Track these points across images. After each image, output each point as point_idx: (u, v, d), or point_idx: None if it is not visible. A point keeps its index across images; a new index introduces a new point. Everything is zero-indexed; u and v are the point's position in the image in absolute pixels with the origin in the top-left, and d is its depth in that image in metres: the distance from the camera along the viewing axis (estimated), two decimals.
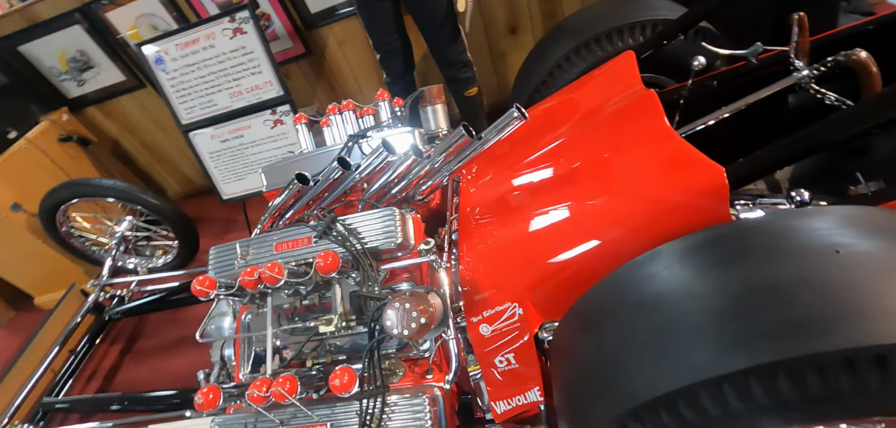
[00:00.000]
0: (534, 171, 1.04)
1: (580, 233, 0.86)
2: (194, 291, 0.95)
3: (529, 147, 1.11)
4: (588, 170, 0.92)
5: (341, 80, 2.30)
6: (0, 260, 2.22)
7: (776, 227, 0.62)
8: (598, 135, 0.96)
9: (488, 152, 1.20)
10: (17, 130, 2.05)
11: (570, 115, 1.07)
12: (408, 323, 0.76)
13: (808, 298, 0.49)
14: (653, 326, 0.59)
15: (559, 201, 0.93)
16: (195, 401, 0.89)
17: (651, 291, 0.64)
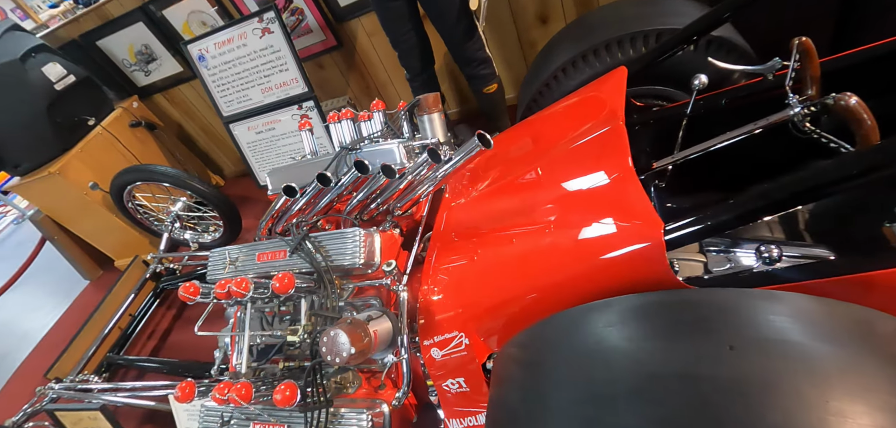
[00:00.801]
0: (499, 198, 1.04)
1: (525, 272, 0.85)
2: (181, 297, 1.10)
3: (504, 170, 1.10)
4: (545, 205, 0.90)
5: (372, 72, 2.39)
6: (86, 229, 2.70)
7: (690, 305, 0.58)
8: (564, 167, 0.93)
9: (476, 168, 1.22)
10: (95, 118, 2.44)
11: (546, 138, 1.04)
12: (337, 351, 0.82)
13: (683, 397, 0.47)
14: (579, 380, 0.58)
15: (513, 235, 0.92)
16: (174, 394, 1.06)
17: (584, 344, 0.63)
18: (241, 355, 1.07)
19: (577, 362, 0.60)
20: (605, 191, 0.80)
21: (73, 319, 2.89)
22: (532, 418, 0.60)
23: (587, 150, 0.90)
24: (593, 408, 0.51)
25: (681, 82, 1.07)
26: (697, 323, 0.53)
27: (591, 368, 0.57)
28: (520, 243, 0.91)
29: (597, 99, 1.01)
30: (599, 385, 0.54)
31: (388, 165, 1.08)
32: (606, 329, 0.61)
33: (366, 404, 0.98)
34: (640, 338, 0.57)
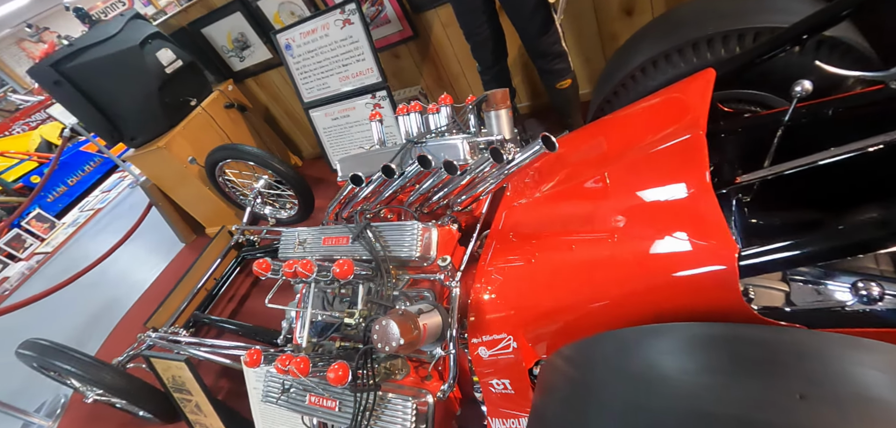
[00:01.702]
0: (562, 202, 1.01)
1: (582, 282, 0.83)
2: (254, 272, 1.22)
3: (571, 172, 1.07)
4: (611, 213, 0.87)
5: (446, 62, 2.43)
6: (184, 197, 3.08)
7: (760, 343, 0.53)
8: (634, 175, 0.88)
9: (540, 168, 1.20)
10: (196, 99, 2.76)
11: (619, 142, 1.00)
12: (387, 340, 0.87)
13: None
14: (625, 405, 0.57)
15: (573, 241, 0.90)
16: (242, 358, 1.18)
17: (635, 368, 0.61)
18: (303, 330, 1.17)
19: (626, 387, 0.58)
20: (677, 205, 0.76)
21: (170, 276, 3.31)
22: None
23: (662, 159, 0.85)
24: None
25: (778, 87, 0.97)
26: (765, 364, 0.49)
27: (640, 396, 0.55)
28: (580, 251, 0.89)
29: (678, 102, 0.94)
30: (646, 414, 0.52)
31: (450, 162, 1.10)
32: (662, 356, 0.59)
33: (412, 393, 1.02)
34: (697, 371, 0.54)
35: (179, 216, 3.35)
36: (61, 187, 6.33)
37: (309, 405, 1.13)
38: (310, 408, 1.13)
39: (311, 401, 1.13)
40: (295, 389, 1.18)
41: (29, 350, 1.76)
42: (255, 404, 1.64)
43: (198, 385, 1.71)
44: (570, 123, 1.91)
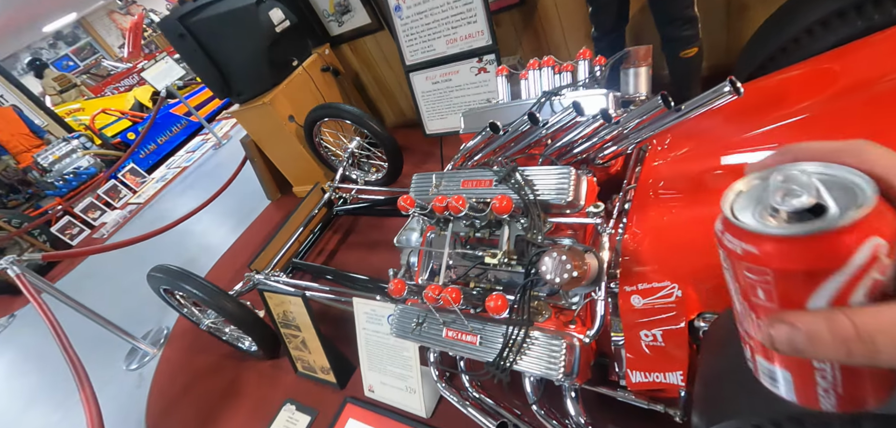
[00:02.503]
0: (742, 152, 0.97)
1: None
2: (399, 206, 1.27)
3: (746, 124, 1.03)
4: None
5: (548, 31, 2.39)
6: (278, 154, 3.25)
7: None
8: (847, 119, 0.83)
9: (689, 124, 1.17)
10: (298, 60, 2.89)
11: (813, 90, 0.94)
12: (560, 272, 0.88)
13: None
14: None
15: None
16: (386, 287, 1.24)
17: None
18: (441, 267, 1.21)
19: None
20: None
21: (257, 229, 3.53)
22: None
23: (886, 98, 0.79)
24: None
25: None
26: None
27: None
28: None
29: (881, 57, 0.88)
30: None
31: (606, 110, 1.09)
32: None
33: (560, 334, 1.03)
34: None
35: (270, 174, 3.54)
36: (152, 145, 6.86)
37: (445, 339, 1.17)
38: (446, 341, 1.16)
39: (448, 335, 1.16)
40: (429, 323, 1.22)
41: (160, 273, 1.93)
42: (362, 342, 1.72)
43: (309, 321, 1.81)
44: (687, 97, 1.83)
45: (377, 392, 1.71)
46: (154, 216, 5.39)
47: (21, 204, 6.47)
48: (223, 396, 2.20)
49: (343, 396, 1.82)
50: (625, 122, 1.10)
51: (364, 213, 2.64)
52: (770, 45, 1.18)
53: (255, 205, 3.85)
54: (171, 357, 2.73)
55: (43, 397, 3.11)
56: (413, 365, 1.57)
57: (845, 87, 0.88)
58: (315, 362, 1.93)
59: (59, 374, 3.29)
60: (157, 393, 2.50)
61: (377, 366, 1.68)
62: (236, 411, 2.08)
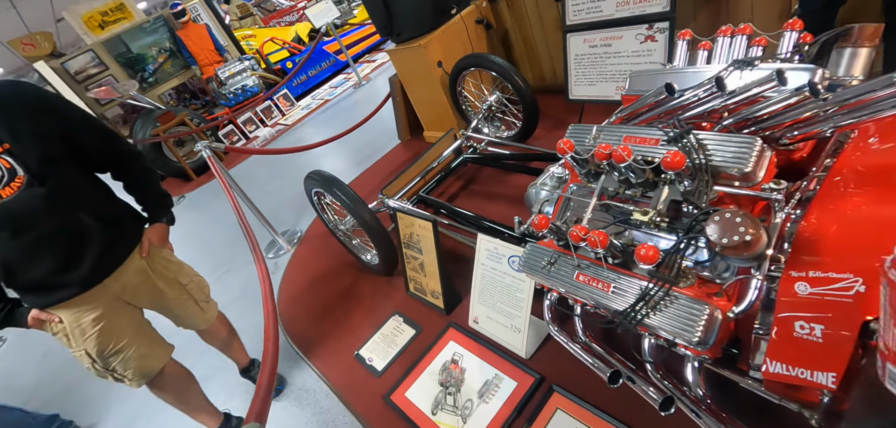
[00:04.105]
0: None
1: None
2: (558, 148, 1.31)
3: None
4: None
5: (734, 7, 2.19)
6: (419, 97, 3.49)
7: None
8: None
9: None
10: (457, 8, 3.05)
11: None
12: (731, 232, 0.86)
13: None
14: None
15: None
16: (531, 221, 1.31)
17: None
18: (585, 214, 1.25)
19: None
20: None
21: (386, 163, 3.86)
22: None
23: None
24: None
25: None
26: None
27: None
28: None
29: None
30: None
31: (814, 84, 1.01)
32: None
33: (704, 301, 1.01)
34: None
35: (406, 115, 3.83)
36: (303, 76, 7.78)
37: (576, 281, 1.21)
38: (577, 284, 1.21)
39: (581, 279, 1.20)
40: (560, 265, 1.27)
41: (316, 177, 2.25)
42: (477, 276, 1.84)
43: (433, 246, 1.98)
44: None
45: (481, 324, 1.82)
46: (296, 138, 6.17)
47: (199, 108, 7.85)
48: (341, 296, 2.52)
49: (447, 321, 1.97)
50: (831, 102, 1.00)
51: (490, 164, 2.74)
52: None
53: (386, 142, 4.21)
54: (302, 255, 3.18)
55: (200, 266, 3.85)
56: (524, 307, 1.64)
57: None
58: (427, 286, 2.10)
59: (214, 248, 4.04)
60: (289, 281, 2.94)
61: (487, 301, 1.79)
62: (351, 311, 2.37)
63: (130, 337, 1.61)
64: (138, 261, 1.62)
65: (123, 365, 1.61)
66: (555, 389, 1.55)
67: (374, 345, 2.09)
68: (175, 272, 1.76)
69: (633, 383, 1.19)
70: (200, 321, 1.89)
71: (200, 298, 1.87)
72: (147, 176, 1.70)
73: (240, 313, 2.82)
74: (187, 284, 1.81)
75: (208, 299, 1.94)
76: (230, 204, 2.69)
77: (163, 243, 1.72)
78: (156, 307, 1.74)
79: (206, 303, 1.91)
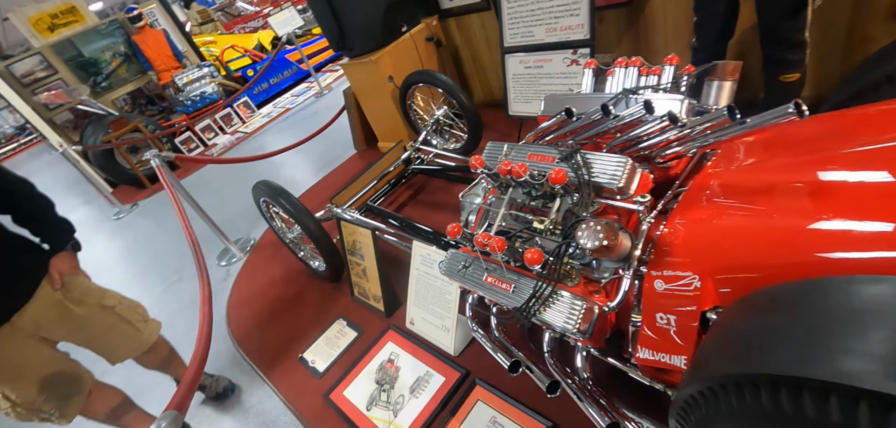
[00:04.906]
0: (789, 174, 1.04)
1: (793, 248, 0.88)
2: (470, 164, 1.47)
3: (800, 150, 1.08)
4: (842, 189, 0.89)
5: (650, 34, 2.43)
6: (371, 110, 3.61)
7: None
8: (884, 160, 0.88)
9: (760, 140, 1.23)
10: (407, 26, 3.20)
11: (873, 131, 0.98)
12: (591, 238, 1.03)
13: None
14: (859, 329, 0.63)
15: (791, 211, 0.93)
16: (446, 229, 1.45)
17: (865, 303, 0.66)
18: (495, 222, 1.40)
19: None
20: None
21: (341, 172, 3.95)
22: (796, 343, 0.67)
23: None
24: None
25: None
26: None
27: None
28: (793, 222, 0.92)
29: None
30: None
31: (673, 113, 1.19)
32: (889, 288, 0.64)
33: (583, 297, 1.17)
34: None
35: (361, 126, 3.94)
36: (265, 84, 7.75)
37: (485, 283, 1.36)
38: (485, 286, 1.35)
39: (488, 280, 1.35)
40: (474, 268, 1.42)
41: (264, 186, 2.33)
42: (413, 280, 1.97)
43: (373, 252, 2.10)
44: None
45: (416, 325, 1.95)
46: (256, 146, 6.16)
47: (155, 115, 7.69)
48: (290, 302, 2.60)
49: (387, 323, 2.09)
50: (690, 127, 1.19)
51: (437, 175, 2.89)
52: (863, 81, 1.19)
53: (342, 152, 4.30)
54: (254, 262, 3.22)
55: (151, 275, 3.81)
56: (452, 308, 1.78)
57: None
58: (369, 290, 2.22)
59: (165, 257, 4.01)
60: (239, 288, 2.99)
61: (422, 303, 1.92)
62: (298, 315, 2.45)
63: (52, 372, 1.55)
64: (51, 294, 1.55)
65: (48, 403, 1.54)
66: (477, 382, 1.69)
67: (318, 348, 2.18)
68: (98, 297, 1.70)
69: (531, 372, 1.34)
70: (139, 343, 1.84)
71: (135, 318, 1.81)
72: (39, 204, 1.59)
73: (190, 323, 2.84)
74: (115, 306, 1.74)
75: (146, 319, 1.89)
76: (178, 214, 2.72)
77: (74, 271, 1.64)
78: (83, 340, 1.68)
79: (143, 323, 1.86)
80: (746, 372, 0.70)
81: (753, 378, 0.69)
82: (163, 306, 3.22)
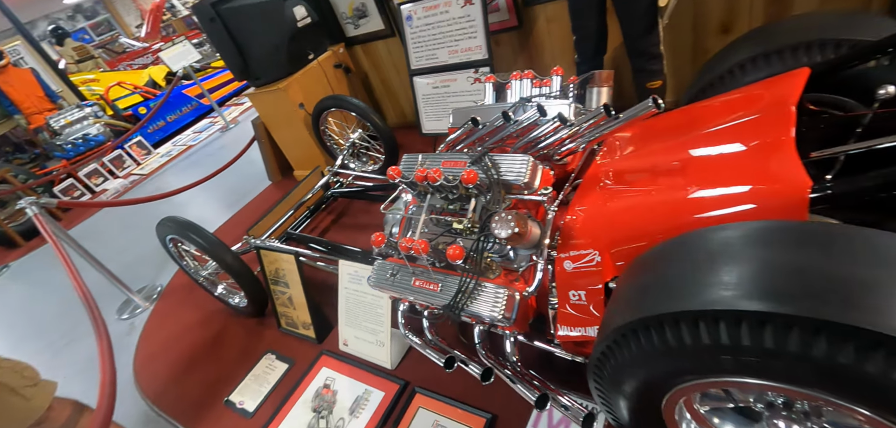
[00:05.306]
0: (654, 158, 1.23)
1: (665, 217, 1.05)
2: (388, 175, 1.51)
3: (665, 138, 1.29)
4: (695, 166, 1.09)
5: (540, 54, 2.69)
6: (284, 138, 3.51)
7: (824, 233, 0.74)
8: (722, 139, 1.10)
9: (635, 134, 1.43)
10: (314, 53, 3.18)
11: (712, 117, 1.21)
12: (502, 226, 1.13)
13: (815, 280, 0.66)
14: (711, 266, 0.77)
15: (660, 187, 1.12)
16: (371, 238, 1.48)
17: (713, 247, 0.81)
18: (417, 228, 1.46)
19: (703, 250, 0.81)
20: (756, 155, 0.97)
21: (256, 205, 3.76)
22: (673, 288, 0.81)
23: (747, 127, 1.06)
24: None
25: (862, 96, 1.15)
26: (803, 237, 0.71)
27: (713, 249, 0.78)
28: (661, 196, 1.11)
29: (769, 91, 1.15)
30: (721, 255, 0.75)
31: (562, 114, 1.35)
32: (736, 230, 0.81)
33: (504, 286, 1.26)
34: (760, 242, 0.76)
35: (274, 156, 3.80)
36: (161, 122, 7.14)
37: (413, 287, 1.40)
38: (414, 289, 1.40)
39: (416, 283, 1.40)
40: (402, 274, 1.46)
41: (170, 222, 2.16)
42: (342, 300, 1.95)
43: (298, 279, 2.05)
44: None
45: (351, 346, 1.93)
46: (155, 187, 5.62)
47: (26, 163, 6.70)
48: (209, 346, 2.41)
49: (319, 349, 2.04)
50: (577, 125, 1.36)
51: (358, 197, 2.89)
52: (704, 80, 1.46)
53: (256, 185, 4.10)
54: (163, 310, 2.94)
55: (31, 341, 3.29)
56: (385, 321, 1.80)
57: (730, 116, 1.15)
58: (298, 318, 2.14)
59: (49, 320, 3.48)
60: (147, 339, 2.70)
61: (353, 322, 1.91)
62: (219, 358, 2.29)
63: None
64: None
65: None
66: (417, 390, 1.71)
67: (246, 387, 2.05)
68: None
69: (466, 365, 1.41)
70: (28, 413, 1.61)
71: (21, 384, 1.59)
72: None
73: (89, 384, 2.51)
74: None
75: (36, 382, 1.66)
76: (64, 267, 2.41)
77: None
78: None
79: (31, 388, 1.63)
80: (637, 318, 0.82)
81: (643, 322, 0.82)
82: (51, 374, 2.79)
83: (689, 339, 0.76)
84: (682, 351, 0.78)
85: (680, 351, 0.79)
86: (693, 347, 0.76)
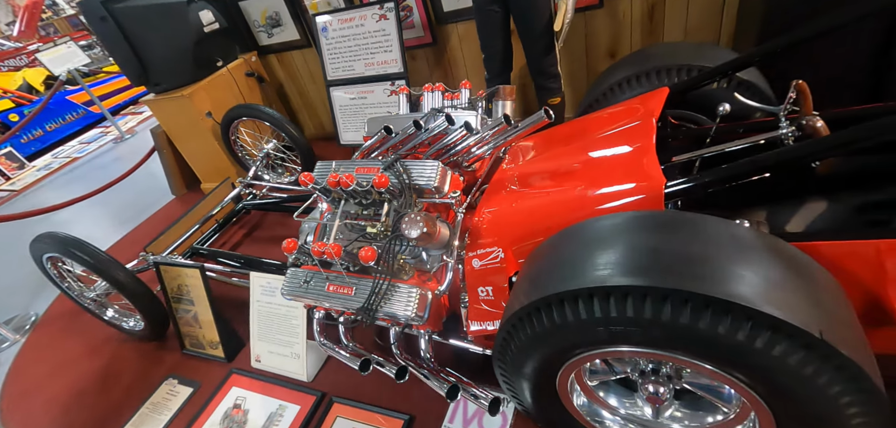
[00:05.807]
0: (549, 163, 1.37)
1: (555, 214, 1.17)
2: (301, 181, 1.50)
3: (559, 146, 1.43)
4: (580, 169, 1.23)
5: (455, 69, 2.81)
6: (190, 149, 3.27)
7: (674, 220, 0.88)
8: (602, 144, 1.25)
9: (536, 143, 1.56)
10: (223, 61, 3.02)
11: (591, 128, 1.38)
12: (412, 226, 1.17)
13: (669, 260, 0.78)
14: (586, 253, 0.88)
15: (553, 188, 1.24)
16: (282, 245, 1.45)
17: (588, 237, 0.93)
18: (332, 233, 1.45)
19: (584, 238, 0.92)
20: (626, 158, 1.12)
21: (156, 222, 3.44)
22: (554, 274, 0.91)
23: (620, 136, 1.22)
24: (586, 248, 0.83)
25: (710, 112, 1.38)
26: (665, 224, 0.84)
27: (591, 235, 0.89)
28: (553, 195, 1.23)
29: (639, 105, 1.33)
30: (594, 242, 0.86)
31: (469, 123, 1.44)
32: (606, 221, 0.93)
33: (416, 286, 1.31)
34: (630, 229, 0.88)
35: (178, 168, 3.52)
36: (38, 131, 6.26)
37: (328, 292, 1.39)
38: (329, 295, 1.39)
39: (330, 289, 1.39)
40: (315, 280, 1.44)
41: (47, 239, 1.91)
42: (254, 314, 1.87)
43: (205, 295, 1.92)
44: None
45: (264, 362, 1.84)
46: (29, 205, 4.89)
47: None
48: (98, 376, 2.15)
49: (228, 369, 1.91)
50: (482, 134, 1.46)
51: (273, 209, 2.77)
52: (592, 95, 1.65)
53: (157, 199, 3.75)
54: (38, 342, 2.56)
55: None
56: (299, 332, 1.75)
57: (605, 127, 1.32)
58: (204, 338, 2.00)
59: None
60: (18, 376, 2.33)
61: (266, 336, 1.83)
62: (111, 389, 2.05)
63: None
64: None
65: None
66: (335, 400, 1.68)
67: (143, 417, 1.86)
68: None
69: (381, 366, 1.42)
70: None
71: None
72: None
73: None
74: None
75: None
76: None
77: None
78: None
79: None
80: (531, 301, 0.91)
81: (537, 305, 0.90)
82: None
83: (571, 315, 0.86)
84: (568, 327, 0.88)
85: (566, 327, 0.88)
86: (575, 322, 0.86)
